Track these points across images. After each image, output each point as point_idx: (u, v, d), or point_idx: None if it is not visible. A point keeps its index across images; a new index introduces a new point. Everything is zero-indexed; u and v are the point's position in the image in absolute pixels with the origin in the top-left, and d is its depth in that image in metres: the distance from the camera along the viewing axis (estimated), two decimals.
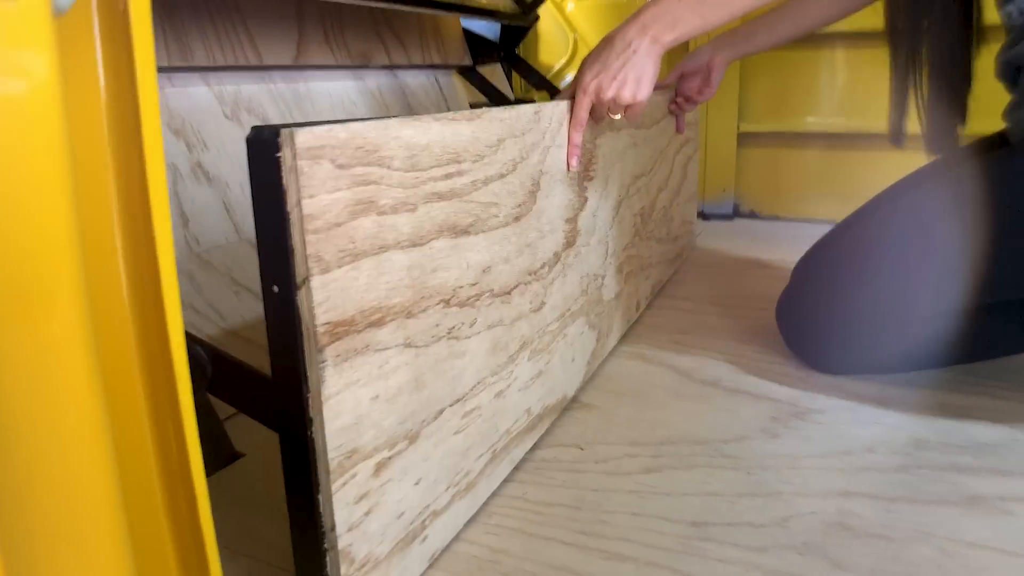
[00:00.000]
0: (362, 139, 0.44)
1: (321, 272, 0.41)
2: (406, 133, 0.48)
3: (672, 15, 0.75)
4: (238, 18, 1.06)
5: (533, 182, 0.67)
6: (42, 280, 0.30)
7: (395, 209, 0.47)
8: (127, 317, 0.38)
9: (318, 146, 0.40)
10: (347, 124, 0.43)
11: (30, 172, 0.29)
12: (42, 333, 0.30)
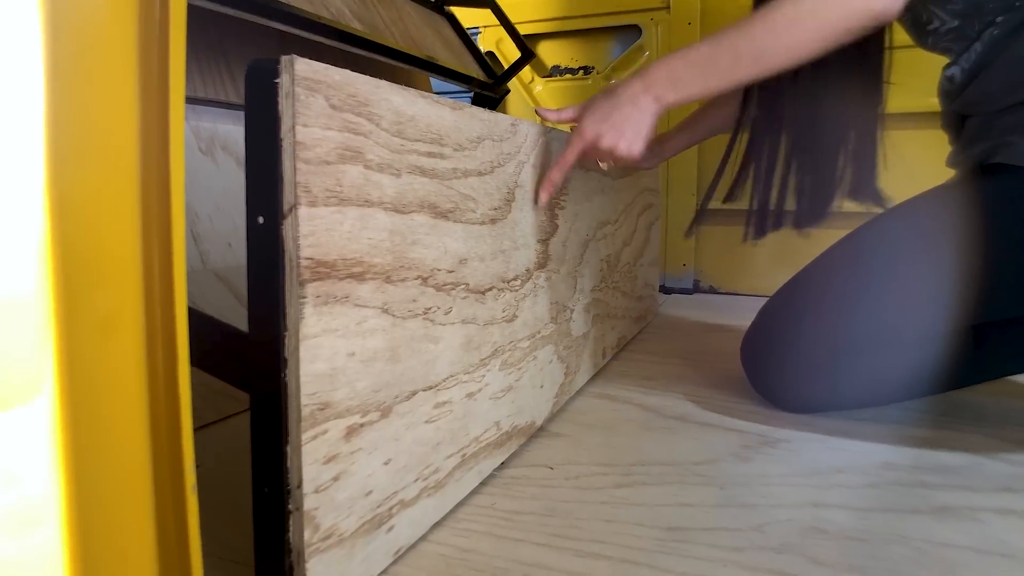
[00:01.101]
0: (355, 88, 0.45)
1: (309, 204, 0.41)
2: (395, 99, 0.49)
3: (677, 76, 0.76)
4: (222, 57, 1.09)
5: (509, 191, 0.69)
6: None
7: (381, 168, 0.48)
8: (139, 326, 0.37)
9: (315, 80, 0.41)
10: (341, 69, 0.44)
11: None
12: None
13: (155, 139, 0.37)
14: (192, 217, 0.98)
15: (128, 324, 0.36)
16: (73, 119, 0.32)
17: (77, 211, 0.33)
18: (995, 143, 0.78)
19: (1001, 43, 0.80)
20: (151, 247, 0.38)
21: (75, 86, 0.32)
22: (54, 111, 0.31)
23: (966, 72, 0.85)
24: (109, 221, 0.35)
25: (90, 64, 0.33)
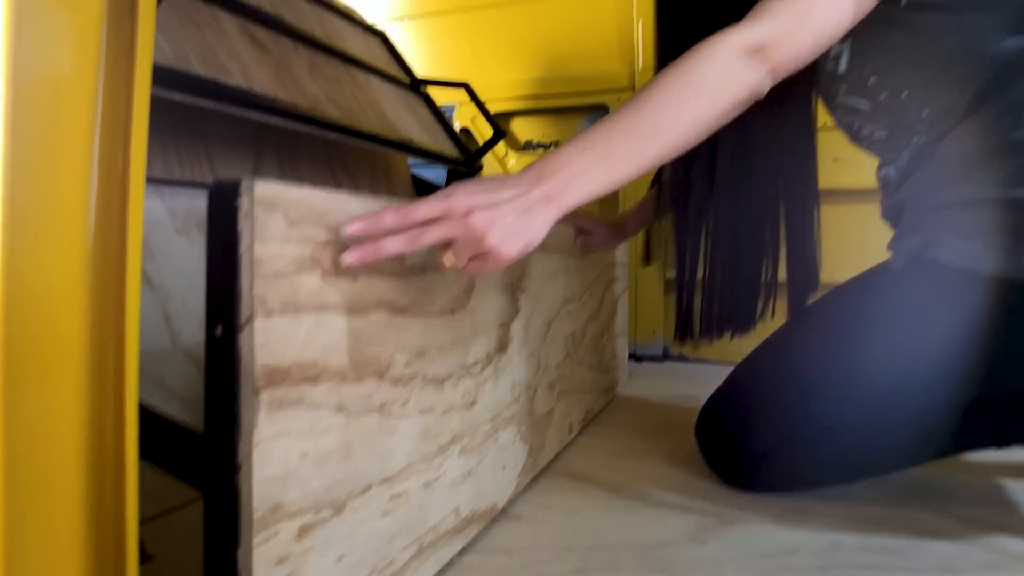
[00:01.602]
0: (312, 202, 0.48)
1: (264, 315, 0.43)
2: (354, 206, 0.52)
3: (575, 168, 0.62)
4: (200, 140, 1.12)
5: (468, 281, 0.72)
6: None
7: (338, 273, 0.50)
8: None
9: (273, 199, 0.44)
10: (301, 186, 0.47)
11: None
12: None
13: (114, 237, 0.40)
14: (164, 296, 0.99)
15: (73, 420, 0.38)
16: (25, 203, 0.35)
17: (23, 300, 0.35)
18: (927, 239, 0.83)
19: (928, 150, 0.85)
20: (105, 344, 0.40)
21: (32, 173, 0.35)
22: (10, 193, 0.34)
23: (899, 172, 0.91)
24: (57, 313, 0.37)
25: (50, 159, 0.36)
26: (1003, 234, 0.77)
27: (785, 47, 0.70)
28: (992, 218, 0.78)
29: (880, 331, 0.84)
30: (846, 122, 0.99)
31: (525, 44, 2.08)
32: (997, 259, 0.76)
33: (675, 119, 0.66)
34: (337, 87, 1.34)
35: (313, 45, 1.36)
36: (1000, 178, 0.78)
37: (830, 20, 0.72)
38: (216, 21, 1.11)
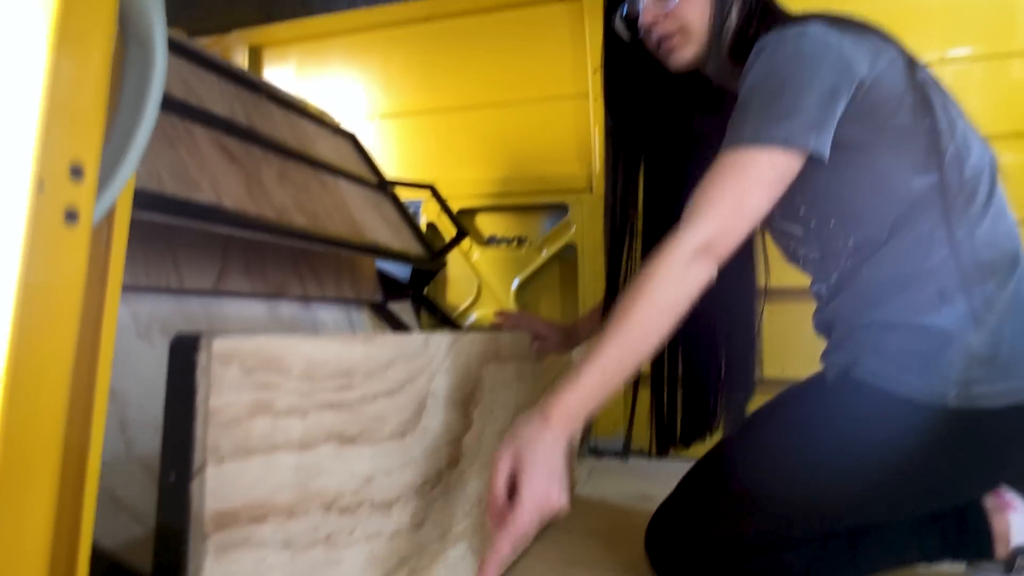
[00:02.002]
0: (267, 349, 0.51)
1: (216, 463, 0.46)
2: (306, 348, 0.56)
3: (573, 406, 0.75)
4: (167, 247, 1.16)
5: (419, 402, 0.75)
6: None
7: (289, 413, 0.53)
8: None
9: (230, 352, 0.48)
10: (256, 336, 0.51)
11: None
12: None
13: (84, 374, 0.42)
14: (122, 403, 1.00)
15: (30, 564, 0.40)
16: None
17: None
18: (852, 357, 0.89)
19: (853, 273, 0.93)
20: (65, 489, 0.42)
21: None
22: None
23: (829, 290, 0.98)
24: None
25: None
26: (915, 357, 0.83)
27: (727, 240, 0.81)
28: (906, 341, 0.85)
29: (812, 448, 0.88)
30: (782, 243, 1.07)
31: (490, 145, 2.17)
32: (911, 382, 0.82)
33: (644, 342, 0.79)
34: (305, 193, 1.39)
35: (283, 152, 1.43)
36: (912, 304, 0.85)
37: (760, 205, 0.82)
38: (190, 135, 1.16)
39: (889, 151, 0.87)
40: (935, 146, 0.85)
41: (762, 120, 0.81)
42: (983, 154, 0.90)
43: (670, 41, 0.98)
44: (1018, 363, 0.81)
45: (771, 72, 0.83)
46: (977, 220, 0.86)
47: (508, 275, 2.11)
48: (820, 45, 0.83)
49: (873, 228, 0.90)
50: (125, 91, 0.39)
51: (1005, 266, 0.85)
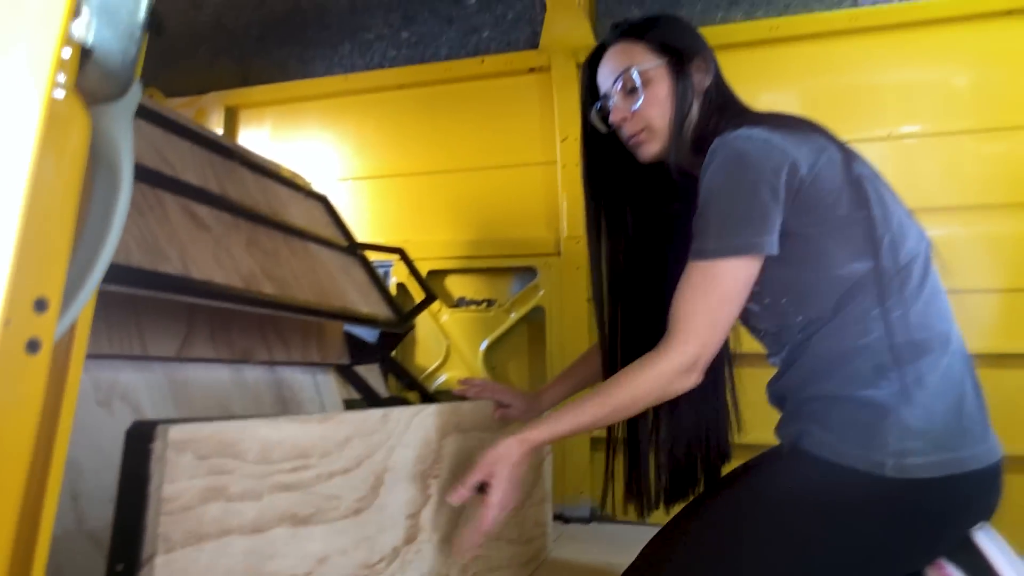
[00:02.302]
0: (223, 434, 0.53)
1: (166, 552, 0.47)
2: (263, 431, 0.57)
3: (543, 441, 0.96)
4: (132, 313, 1.16)
5: (377, 478, 0.76)
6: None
7: (242, 497, 0.55)
8: None
9: (185, 440, 0.49)
10: (213, 422, 0.52)
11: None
12: None
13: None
14: (76, 474, 0.99)
15: None
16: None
17: None
18: (800, 428, 0.93)
19: (802, 347, 0.97)
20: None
21: None
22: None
23: (782, 362, 1.02)
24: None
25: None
26: (854, 429, 0.88)
27: (708, 353, 0.92)
28: (846, 413, 0.90)
29: (762, 519, 0.91)
30: (743, 317, 1.11)
31: (461, 208, 2.22)
32: (851, 452, 0.86)
33: (620, 419, 1.01)
34: (274, 259, 1.41)
35: (254, 218, 1.45)
36: (852, 378, 0.91)
37: (732, 314, 0.94)
38: (160, 204, 1.18)
39: (831, 239, 0.93)
40: (871, 235, 0.92)
41: (722, 232, 0.91)
42: (919, 241, 0.96)
43: (637, 137, 1.07)
44: (950, 437, 0.86)
45: (723, 181, 0.92)
46: (911, 301, 0.91)
47: (477, 337, 2.13)
48: (764, 147, 0.91)
49: (819, 307, 0.96)
50: (91, 216, 0.42)
51: (937, 345, 0.90)
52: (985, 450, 0.87)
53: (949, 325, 0.93)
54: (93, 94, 0.41)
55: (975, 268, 1.76)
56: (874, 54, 1.88)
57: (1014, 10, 1.77)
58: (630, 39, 1.08)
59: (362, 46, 2.41)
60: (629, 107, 1.06)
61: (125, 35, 0.40)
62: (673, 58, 1.06)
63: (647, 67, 1.06)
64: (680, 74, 1.05)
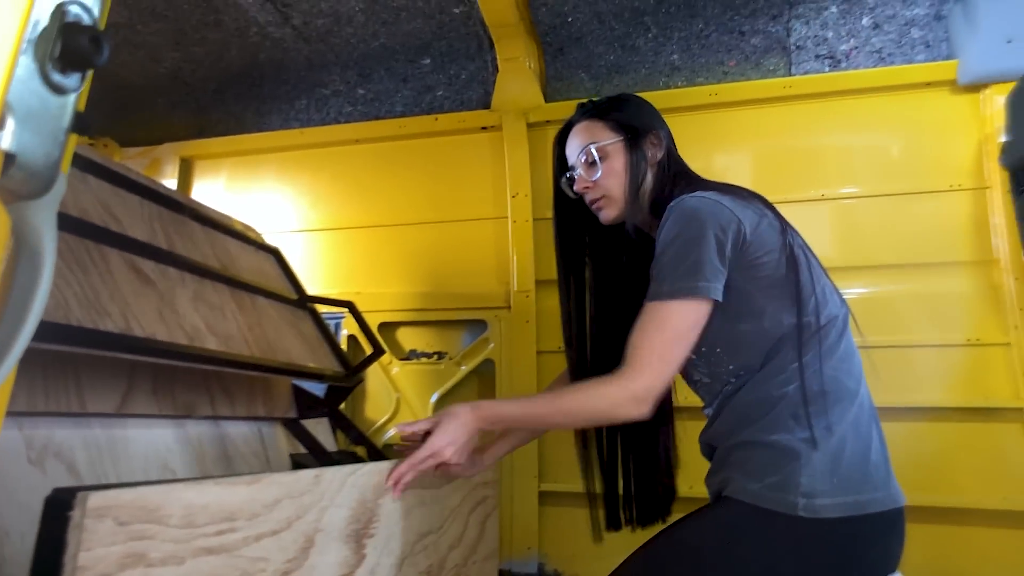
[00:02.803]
0: (144, 500, 0.54)
1: None
2: (187, 495, 0.58)
3: (495, 414, 1.07)
4: (71, 369, 1.15)
5: (307, 539, 0.77)
6: None
7: (164, 562, 0.55)
8: None
9: (105, 506, 0.50)
10: (135, 487, 0.53)
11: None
12: None
13: None
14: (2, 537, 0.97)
15: None
16: None
17: None
18: (725, 476, 1.00)
19: (730, 396, 1.05)
20: None
21: None
22: None
23: (714, 412, 1.08)
24: None
25: None
26: (770, 472, 0.95)
27: (660, 386, 1.00)
28: (765, 458, 0.97)
29: (686, 565, 0.97)
30: (682, 369, 1.16)
31: (413, 261, 2.25)
32: (767, 495, 0.93)
33: (561, 423, 1.15)
34: (220, 314, 1.42)
35: (201, 272, 1.46)
36: (771, 425, 0.98)
37: (684, 351, 1.01)
38: (104, 260, 1.19)
39: (763, 296, 1.03)
40: (798, 295, 1.02)
41: (675, 278, 1.00)
42: (839, 307, 1.07)
43: (597, 203, 1.22)
44: (855, 481, 0.94)
45: (677, 234, 1.02)
46: (827, 357, 1.01)
47: (427, 390, 2.14)
48: (713, 207, 1.03)
49: (749, 357, 1.04)
50: (11, 302, 0.43)
51: (847, 397, 1.00)
52: (887, 496, 0.96)
53: (859, 383, 1.02)
54: (16, 192, 0.43)
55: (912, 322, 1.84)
56: (810, 120, 1.99)
57: (932, 82, 1.89)
58: (592, 118, 1.24)
59: (319, 101, 2.46)
60: (590, 177, 1.20)
61: (49, 140, 0.43)
62: (629, 135, 1.20)
63: (605, 143, 1.20)
64: (635, 149, 1.19)
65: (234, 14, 2.12)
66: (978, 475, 1.71)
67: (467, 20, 2.12)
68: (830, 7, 2.03)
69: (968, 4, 1.85)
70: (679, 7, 2.05)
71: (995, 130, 1.80)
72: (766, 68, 2.06)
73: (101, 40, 0.43)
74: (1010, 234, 1.76)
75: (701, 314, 1.00)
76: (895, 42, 1.98)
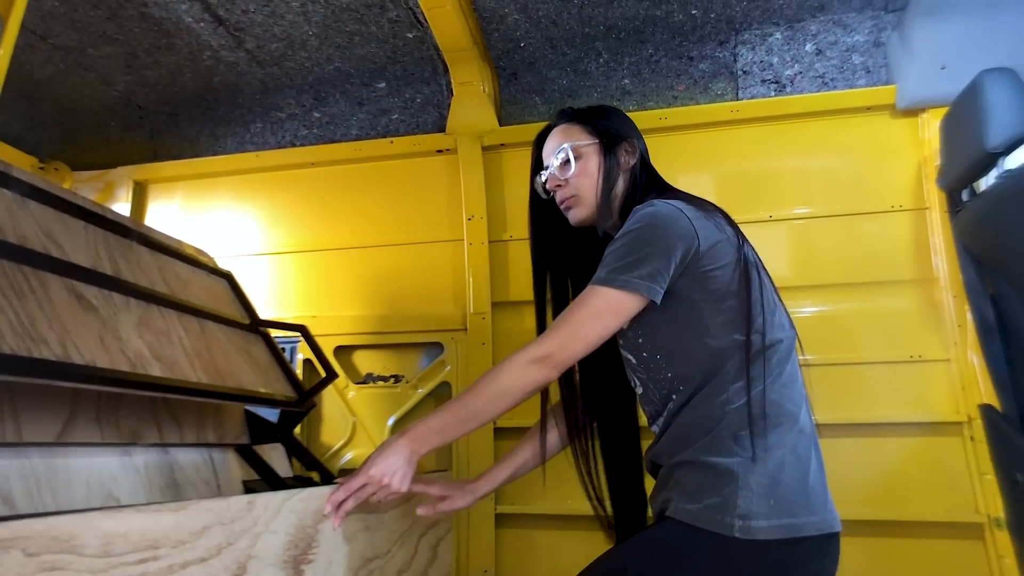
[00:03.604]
0: (58, 530, 0.53)
1: None
2: (105, 524, 0.58)
3: (424, 432, 1.06)
4: (6, 398, 1.13)
5: (240, 566, 0.76)
6: None
7: None
8: None
9: (11, 537, 0.49)
10: (46, 517, 0.53)
11: None
12: None
13: None
14: None
15: None
16: None
17: None
18: (666, 496, 1.01)
19: (675, 414, 1.06)
20: None
21: None
22: None
23: (659, 429, 1.09)
24: None
25: None
26: (708, 494, 0.96)
27: (563, 353, 1.03)
28: (703, 479, 0.98)
29: None
30: (628, 375, 1.18)
31: (369, 284, 2.25)
32: (706, 516, 0.94)
33: (484, 410, 1.05)
34: (166, 340, 1.40)
35: (147, 297, 1.44)
36: (712, 445, 0.99)
37: (596, 330, 1.03)
38: (43, 287, 1.17)
39: (711, 308, 1.04)
40: (746, 312, 1.04)
41: (614, 268, 1.03)
42: (787, 330, 1.08)
43: (567, 202, 1.25)
44: (792, 504, 0.95)
45: (631, 230, 1.05)
46: (770, 379, 1.02)
47: (383, 413, 2.13)
48: (673, 214, 1.05)
49: (688, 369, 1.05)
50: None
51: (787, 421, 1.00)
52: (822, 520, 0.96)
53: (799, 407, 1.03)
54: None
55: (860, 340, 1.89)
56: (757, 142, 2.04)
57: (873, 107, 1.96)
58: (571, 121, 1.27)
59: (274, 125, 2.45)
60: (563, 176, 1.23)
61: None
62: (604, 139, 1.23)
63: (580, 144, 1.23)
64: (609, 153, 1.22)
65: (187, 38, 2.12)
66: (922, 488, 1.75)
67: (421, 44, 2.15)
68: (775, 33, 2.09)
69: (904, 32, 1.92)
70: (629, 33, 2.09)
71: (933, 152, 1.86)
72: (714, 92, 2.12)
73: None
74: (948, 253, 1.81)
75: (629, 306, 1.03)
76: (837, 67, 2.04)
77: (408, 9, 1.99)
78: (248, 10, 2.00)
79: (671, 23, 2.05)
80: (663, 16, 2.02)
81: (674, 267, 1.02)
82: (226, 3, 1.97)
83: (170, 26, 2.06)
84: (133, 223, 1.67)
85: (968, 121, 1.56)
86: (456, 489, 1.27)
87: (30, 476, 1.16)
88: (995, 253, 1.58)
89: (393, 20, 2.04)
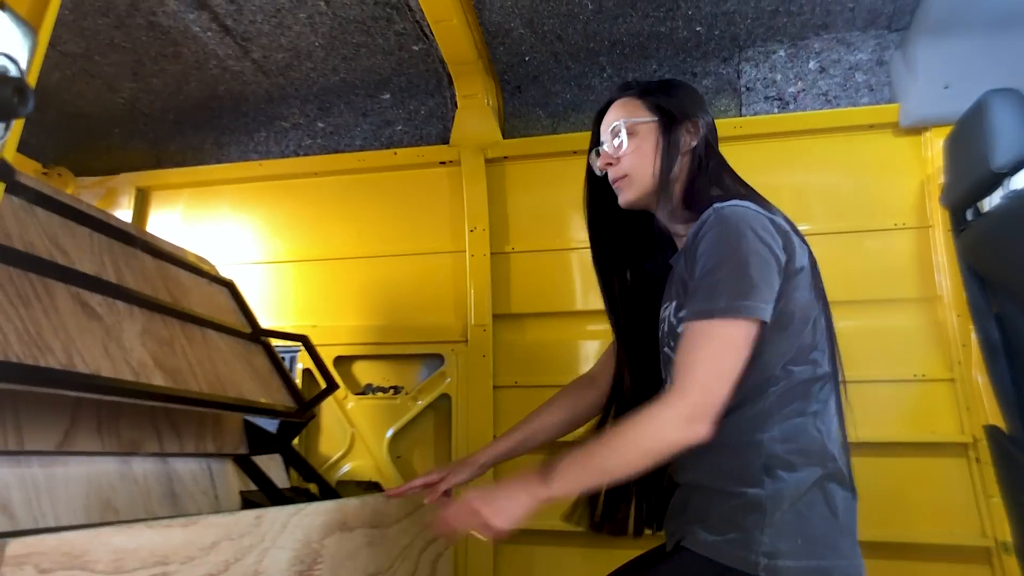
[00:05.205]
0: (70, 545, 0.53)
1: None
2: (116, 540, 0.57)
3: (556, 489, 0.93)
4: (9, 406, 1.12)
5: None
6: None
7: None
8: None
9: (25, 554, 0.49)
10: (59, 533, 0.52)
11: None
12: None
13: None
14: None
15: None
16: None
17: None
18: (683, 523, 0.97)
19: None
20: None
21: None
22: None
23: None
24: None
25: None
26: (732, 528, 0.91)
27: (711, 403, 0.89)
28: (727, 511, 0.93)
29: None
30: (664, 373, 1.14)
31: (370, 294, 2.24)
32: (727, 551, 0.89)
33: (620, 468, 0.92)
34: (168, 349, 1.39)
35: (150, 306, 1.43)
36: (741, 473, 0.94)
37: (737, 366, 0.91)
38: (48, 294, 1.17)
39: (771, 328, 0.95)
40: (809, 344, 0.98)
41: (731, 295, 0.92)
42: (831, 366, 1.03)
43: (618, 183, 1.15)
44: (820, 546, 0.90)
45: (734, 249, 0.94)
46: (813, 413, 0.97)
47: (382, 425, 2.12)
48: (764, 223, 0.97)
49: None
50: None
51: (820, 461, 0.95)
52: (851, 565, 0.91)
53: (835, 448, 0.97)
54: None
55: (863, 358, 1.87)
56: (760, 159, 2.04)
57: (876, 124, 1.96)
58: (631, 95, 1.17)
59: (278, 134, 2.45)
60: (615, 154, 1.14)
61: None
62: (664, 118, 1.12)
63: (637, 121, 1.13)
64: (668, 133, 1.11)
65: (193, 47, 2.12)
66: (926, 510, 1.74)
67: (426, 57, 2.15)
68: (778, 51, 2.10)
69: (908, 51, 1.93)
70: (633, 48, 2.10)
71: (936, 171, 1.86)
72: (718, 108, 2.12)
73: (26, 91, 0.43)
74: (951, 272, 1.82)
75: (751, 335, 0.92)
76: (840, 85, 2.05)
77: (415, 22, 2.00)
78: (255, 20, 2.00)
79: (675, 39, 2.06)
80: (667, 32, 2.03)
81: (778, 282, 0.95)
82: (234, 13, 1.97)
83: (177, 35, 2.06)
84: (137, 230, 1.66)
85: (973, 140, 1.56)
86: (455, 465, 1.27)
87: (29, 484, 1.15)
88: (1000, 273, 1.58)
89: (399, 32, 2.04)
